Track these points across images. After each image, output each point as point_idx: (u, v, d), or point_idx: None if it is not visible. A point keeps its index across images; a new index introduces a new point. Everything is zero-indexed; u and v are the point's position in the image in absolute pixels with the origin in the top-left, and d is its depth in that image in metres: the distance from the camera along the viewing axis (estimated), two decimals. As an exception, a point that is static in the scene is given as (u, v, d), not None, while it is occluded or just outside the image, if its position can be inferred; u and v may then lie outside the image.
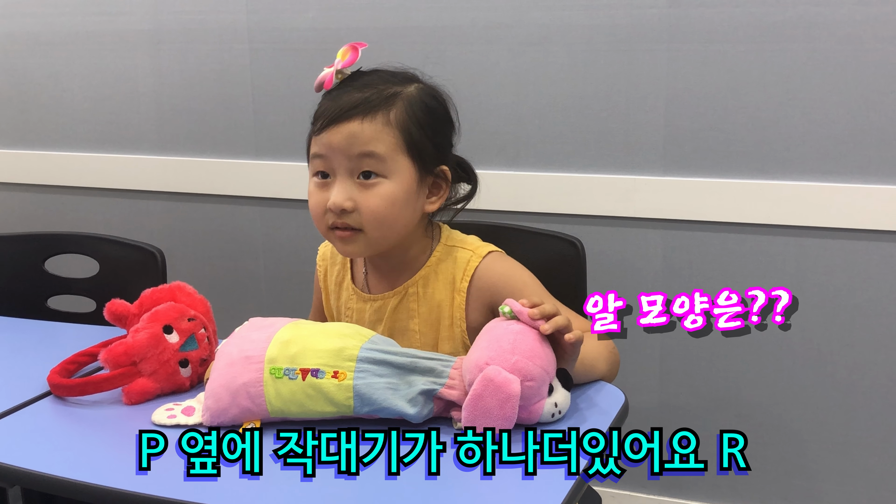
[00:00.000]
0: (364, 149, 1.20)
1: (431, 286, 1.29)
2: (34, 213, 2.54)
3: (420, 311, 1.30)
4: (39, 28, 2.42)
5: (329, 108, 1.23)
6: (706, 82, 1.86)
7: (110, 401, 1.21)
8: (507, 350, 1.04)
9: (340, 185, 1.22)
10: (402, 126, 1.21)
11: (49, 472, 1.02)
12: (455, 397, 1.07)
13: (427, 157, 1.25)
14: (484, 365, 1.03)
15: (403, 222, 1.24)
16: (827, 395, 1.93)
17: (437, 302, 1.28)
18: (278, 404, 1.09)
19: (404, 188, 1.22)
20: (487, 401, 1.01)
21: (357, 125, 1.20)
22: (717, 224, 1.93)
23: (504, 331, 1.07)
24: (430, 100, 1.26)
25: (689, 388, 2.02)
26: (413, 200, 1.24)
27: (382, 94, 1.22)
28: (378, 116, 1.21)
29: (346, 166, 1.21)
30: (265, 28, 2.19)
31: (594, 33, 1.92)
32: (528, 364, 1.04)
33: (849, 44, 1.77)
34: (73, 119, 2.45)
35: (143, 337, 1.21)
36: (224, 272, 2.36)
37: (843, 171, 1.82)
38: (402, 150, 1.22)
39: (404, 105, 1.23)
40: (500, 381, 1.01)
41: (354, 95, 1.22)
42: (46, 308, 1.75)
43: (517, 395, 1.02)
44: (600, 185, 1.97)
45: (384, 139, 1.20)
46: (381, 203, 1.21)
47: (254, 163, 2.28)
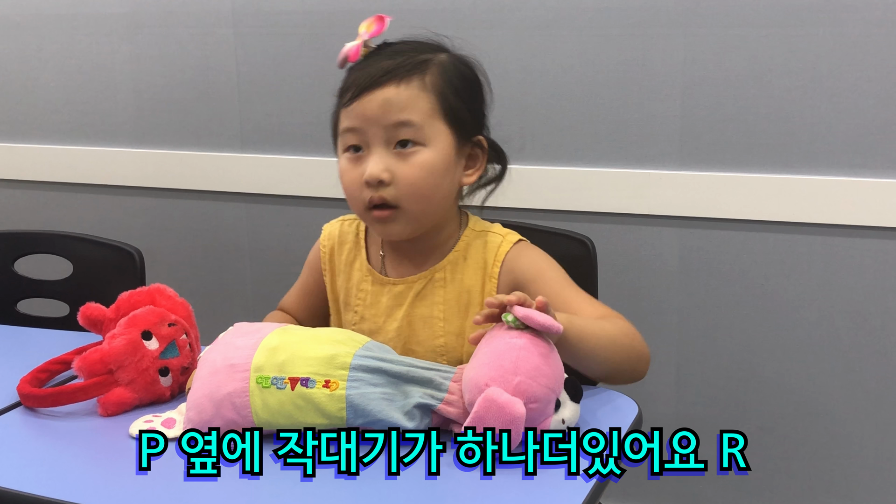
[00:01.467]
0: (400, 116, 1.21)
1: (460, 271, 1.30)
2: (3, 210, 2.54)
3: (447, 297, 1.29)
4: (7, 10, 2.42)
5: (359, 77, 1.24)
6: (725, 69, 1.86)
7: (85, 412, 1.21)
8: (509, 370, 1.03)
9: (376, 155, 1.23)
10: (437, 90, 1.23)
11: (18, 489, 1.02)
12: (454, 415, 1.07)
13: (464, 124, 1.26)
14: (484, 386, 1.03)
15: (442, 194, 1.25)
16: (857, 406, 1.93)
17: (466, 287, 1.29)
18: (265, 416, 1.09)
19: (443, 156, 1.24)
20: (489, 424, 1.01)
21: (392, 90, 1.21)
22: (736, 222, 1.93)
23: (506, 346, 1.05)
24: (463, 67, 1.29)
25: (708, 398, 2.02)
26: (451, 171, 1.26)
27: (414, 59, 1.24)
28: (413, 81, 1.22)
29: (382, 136, 1.22)
30: (251, 11, 2.20)
31: (605, 16, 1.92)
32: (532, 385, 1.03)
33: (880, 27, 1.77)
34: (45, 109, 2.45)
35: (120, 343, 1.22)
36: (207, 273, 2.37)
37: (873, 165, 1.83)
38: (439, 115, 1.23)
39: (438, 70, 1.25)
40: (503, 402, 1.00)
41: (385, 62, 1.23)
42: (16, 312, 1.75)
43: (522, 418, 1.01)
44: (612, 180, 1.98)
45: (420, 105, 1.22)
46: (419, 173, 1.22)
47: (239, 156, 2.28)
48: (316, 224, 2.26)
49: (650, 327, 2.02)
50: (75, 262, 1.72)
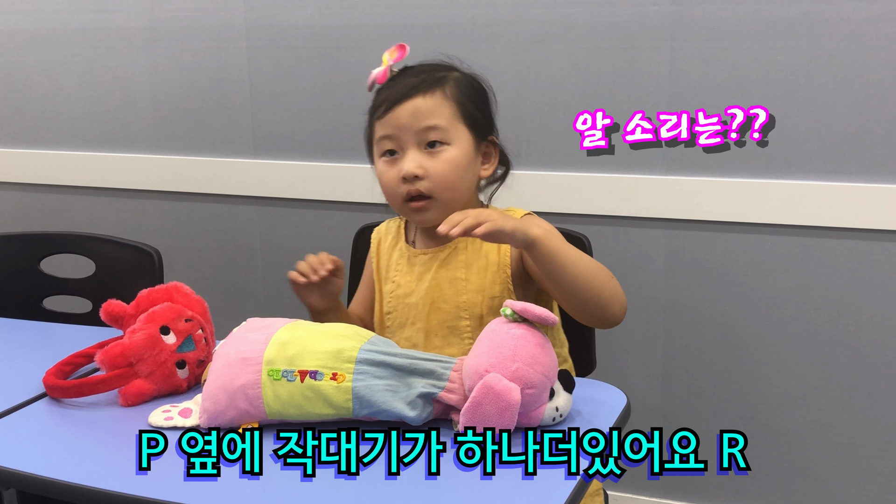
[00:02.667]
0: (429, 121, 1.34)
1: (479, 241, 1.38)
2: (30, 213, 2.54)
3: (468, 260, 1.39)
4: (35, 25, 2.42)
5: (389, 94, 1.37)
6: (709, 80, 1.86)
7: (106, 402, 1.21)
8: (507, 357, 1.05)
9: (410, 155, 1.35)
10: (456, 99, 1.37)
11: (45, 475, 1.03)
12: (454, 402, 1.08)
13: (480, 126, 1.40)
14: (484, 372, 1.04)
15: (466, 185, 1.38)
16: (831, 396, 1.93)
17: (484, 252, 1.39)
18: (276, 406, 1.09)
19: (465, 153, 1.36)
20: (487, 408, 1.01)
21: (420, 101, 1.34)
22: (719, 223, 1.93)
23: (505, 336, 1.07)
24: (474, 81, 1.43)
25: (692, 390, 2.03)
26: (472, 164, 1.39)
27: (434, 76, 1.37)
28: (436, 92, 1.35)
29: (414, 140, 1.35)
30: (263, 25, 2.20)
31: (596, 30, 1.92)
32: (529, 371, 1.04)
33: (854, 41, 1.77)
34: (69, 117, 2.45)
35: (139, 338, 1.22)
36: (222, 272, 2.37)
37: (847, 170, 1.83)
38: (459, 119, 1.36)
39: (455, 83, 1.38)
40: (500, 389, 1.01)
41: (410, 80, 1.37)
42: (42, 309, 1.75)
43: (517, 404, 1.02)
44: (602, 184, 1.98)
45: (443, 111, 1.35)
46: (447, 167, 1.35)
47: (251, 162, 2.28)
48: (324, 225, 2.27)
49: (638, 322, 2.03)
50: (98, 262, 1.72)
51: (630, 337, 2.03)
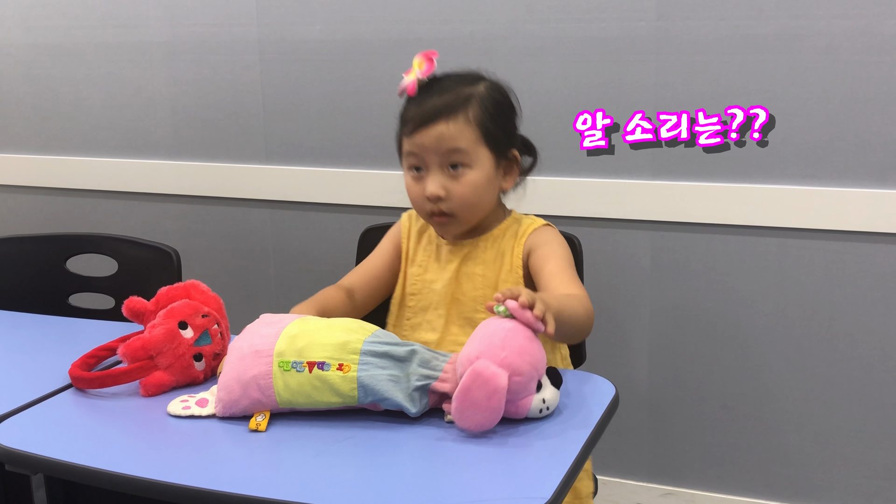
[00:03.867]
0: (451, 145, 1.33)
1: (499, 242, 1.41)
2: (56, 215, 2.54)
3: (486, 258, 1.40)
4: (61, 39, 2.42)
5: (416, 113, 1.35)
6: (692, 91, 1.87)
7: (128, 393, 1.21)
8: (497, 346, 1.05)
9: (433, 177, 1.35)
10: (479, 122, 1.35)
11: (70, 461, 1.03)
12: (447, 389, 1.08)
13: (501, 145, 1.39)
14: (475, 359, 1.04)
15: (487, 202, 1.39)
16: (807, 387, 1.94)
17: (501, 251, 1.40)
18: (287, 395, 1.09)
19: (486, 174, 1.36)
20: (475, 393, 1.01)
21: (443, 126, 1.33)
22: (701, 225, 1.93)
23: (497, 328, 1.07)
24: (497, 94, 1.40)
25: (676, 381, 2.03)
26: (493, 183, 1.39)
27: (460, 96, 1.35)
28: (459, 117, 1.33)
29: (437, 161, 1.34)
30: (275, 40, 2.20)
31: (586, 45, 1.93)
32: (517, 359, 1.04)
33: (828, 55, 1.77)
34: (93, 126, 2.45)
35: (159, 332, 1.22)
36: (236, 271, 2.37)
37: (822, 175, 1.83)
38: (481, 142, 1.35)
39: (479, 103, 1.36)
40: (489, 374, 1.01)
41: (436, 101, 1.34)
42: (68, 305, 1.75)
43: (504, 388, 1.02)
44: (592, 188, 1.98)
45: (466, 135, 1.34)
46: (468, 189, 1.35)
47: (264, 167, 2.28)
48: (331, 227, 2.27)
49: (625, 318, 2.03)
50: (120, 261, 1.72)
51: (618, 332, 2.03)
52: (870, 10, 1.73)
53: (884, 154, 1.78)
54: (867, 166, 1.80)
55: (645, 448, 2.09)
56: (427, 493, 0.94)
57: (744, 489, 2.04)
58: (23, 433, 1.09)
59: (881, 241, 1.82)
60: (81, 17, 2.38)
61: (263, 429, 1.08)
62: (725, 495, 2.05)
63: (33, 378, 1.26)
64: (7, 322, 1.54)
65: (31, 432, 1.10)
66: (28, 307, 1.61)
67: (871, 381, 1.89)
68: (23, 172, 2.55)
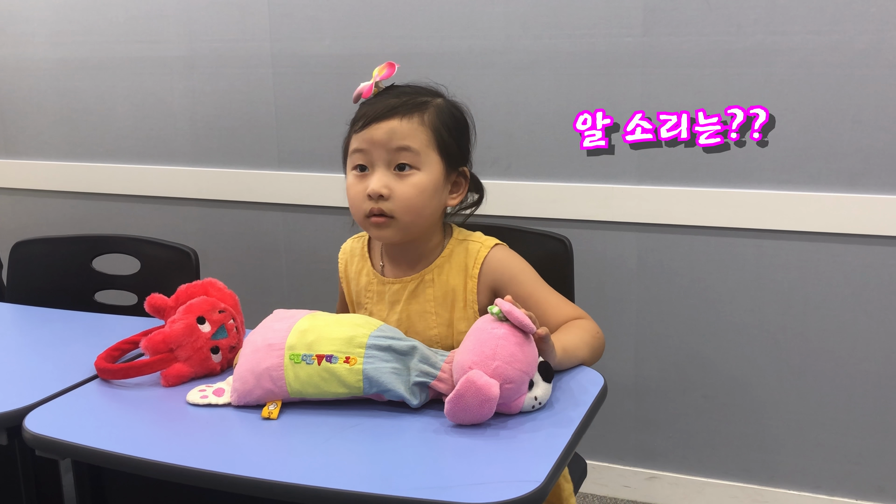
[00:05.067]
0: (402, 143, 1.21)
1: (445, 273, 1.28)
2: (83, 218, 2.54)
3: (436, 294, 1.28)
4: (87, 54, 2.42)
5: (370, 110, 1.24)
6: (675, 102, 1.87)
7: (150, 383, 1.21)
8: (488, 355, 1.02)
9: (379, 174, 1.22)
10: (433, 126, 1.23)
11: (96, 447, 1.03)
12: (443, 390, 1.07)
13: (453, 156, 1.26)
14: (468, 368, 1.02)
15: (430, 211, 1.25)
16: (782, 378, 1.94)
17: (451, 287, 1.27)
18: (297, 386, 1.09)
19: (433, 180, 1.23)
20: (468, 400, 1.00)
21: (396, 122, 1.22)
22: (684, 227, 1.93)
23: (488, 335, 1.04)
24: (455, 111, 1.29)
25: (660, 373, 2.03)
26: (439, 192, 1.25)
27: (416, 100, 1.24)
28: (414, 116, 1.22)
29: (385, 158, 1.22)
30: (286, 54, 2.20)
31: (577, 58, 1.93)
32: (508, 369, 1.02)
33: (802, 68, 1.77)
34: (118, 134, 2.45)
35: (179, 327, 1.22)
36: (250, 270, 2.37)
37: (795, 181, 1.83)
38: (433, 146, 1.23)
39: (435, 110, 1.25)
40: (481, 384, 1.00)
41: (392, 101, 1.24)
42: (94, 301, 1.75)
43: (495, 398, 1.01)
44: (582, 192, 1.98)
45: (419, 136, 1.22)
46: (413, 191, 1.22)
47: (276, 173, 2.28)
48: (339, 228, 2.26)
49: (613, 314, 2.03)
50: (142, 260, 1.72)
51: (607, 327, 2.02)
52: (841, 27, 1.73)
53: (854, 160, 1.78)
54: (838, 172, 1.80)
55: (632, 435, 2.09)
56: (428, 476, 0.94)
57: (723, 473, 2.04)
58: (51, 421, 1.09)
59: (851, 241, 1.82)
60: (106, 33, 2.38)
61: (275, 417, 1.08)
62: (706, 479, 2.05)
63: (61, 369, 1.26)
64: (37, 317, 1.54)
65: (59, 420, 1.10)
66: (57, 303, 1.61)
67: (841, 372, 1.89)
68: (52, 178, 2.55)
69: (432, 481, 0.92)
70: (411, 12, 2.04)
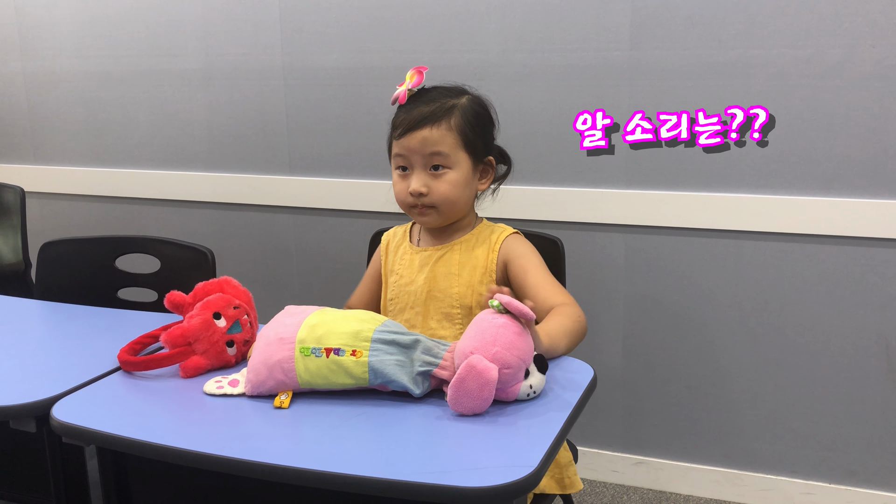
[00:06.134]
0: (434, 149, 1.32)
1: (472, 246, 1.38)
2: (107, 220, 2.55)
3: (461, 260, 1.37)
4: (111, 67, 2.42)
5: (405, 119, 1.34)
6: (661, 111, 1.86)
7: (169, 375, 1.21)
8: (489, 342, 1.03)
9: (417, 175, 1.34)
10: (460, 129, 1.33)
11: (119, 434, 1.03)
12: (445, 376, 1.07)
13: (478, 151, 1.37)
14: (469, 353, 1.03)
15: (465, 199, 1.36)
16: (760, 370, 1.94)
17: (475, 255, 1.38)
18: (307, 377, 1.09)
19: (464, 175, 1.35)
20: (469, 384, 1.01)
21: (427, 132, 1.32)
22: (669, 228, 1.93)
23: (489, 325, 1.05)
24: (477, 107, 1.38)
25: (647, 364, 2.03)
26: (470, 183, 1.37)
27: (444, 106, 1.34)
28: (442, 124, 1.32)
29: (421, 162, 1.33)
30: (297, 67, 2.20)
31: (568, 71, 1.93)
32: (506, 354, 1.03)
33: (778, 80, 1.77)
34: (139, 142, 2.45)
35: (196, 322, 1.22)
36: (263, 268, 2.37)
37: (772, 185, 1.83)
38: (460, 147, 1.34)
39: (460, 113, 1.34)
40: (481, 368, 1.01)
41: (423, 109, 1.33)
42: (117, 298, 1.75)
43: (494, 381, 1.01)
44: (573, 196, 1.98)
45: (447, 140, 1.32)
46: (448, 187, 1.33)
47: (287, 178, 2.28)
48: (348, 230, 2.27)
49: (602, 310, 2.03)
50: (162, 260, 1.72)
51: (597, 321, 2.03)
52: (815, 42, 1.73)
53: (827, 166, 1.78)
54: (813, 177, 1.80)
55: (619, 423, 2.09)
56: (429, 461, 0.94)
57: (705, 458, 2.04)
58: (77, 410, 1.09)
59: (825, 242, 1.82)
60: (129, 47, 2.38)
61: (286, 406, 1.08)
62: (689, 464, 2.05)
63: (86, 362, 1.26)
64: (64, 313, 1.54)
65: (84, 409, 1.10)
66: (82, 300, 1.61)
67: (815, 364, 1.89)
68: (78, 182, 2.55)
69: (433, 466, 0.92)
70: (414, 28, 2.04)
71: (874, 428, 1.88)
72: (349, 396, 1.10)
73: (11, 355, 1.30)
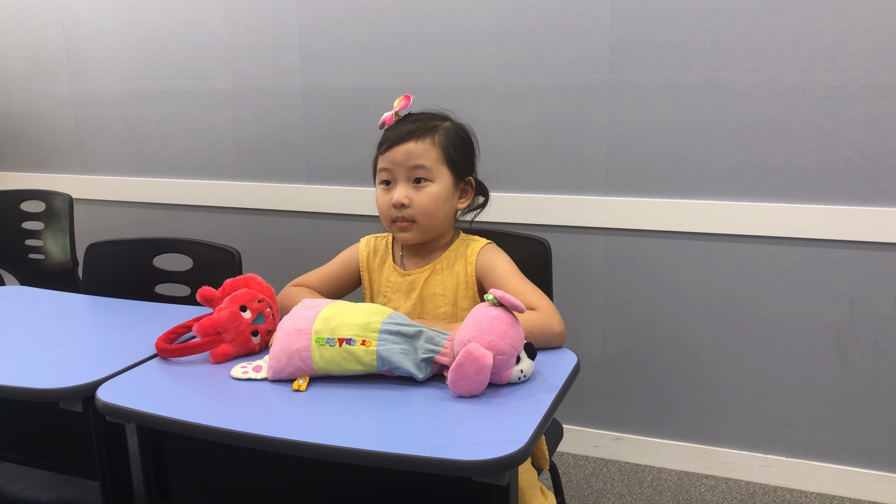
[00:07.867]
0: (417, 161, 1.25)
1: (452, 264, 1.31)
2: (146, 224, 2.55)
3: (444, 280, 1.31)
4: (149, 87, 2.43)
5: (391, 136, 1.28)
6: (637, 128, 1.87)
7: (201, 361, 1.21)
8: (485, 331, 1.03)
9: (400, 187, 1.26)
10: (442, 146, 1.27)
11: (156, 413, 1.03)
12: (446, 362, 1.07)
13: (460, 169, 1.30)
14: (467, 342, 1.03)
15: (443, 215, 1.29)
16: (726, 356, 1.94)
17: (456, 273, 1.31)
18: (322, 364, 1.09)
19: (445, 189, 1.27)
20: (467, 369, 1.01)
21: (412, 145, 1.26)
22: (644, 231, 1.93)
23: (485, 316, 1.05)
24: (460, 131, 1.32)
25: (624, 353, 2.03)
26: (450, 199, 1.29)
27: (428, 125, 1.28)
28: (426, 139, 1.26)
29: (404, 175, 1.26)
30: (314, 88, 2.20)
31: (554, 92, 1.93)
32: (500, 342, 1.03)
33: (742, 99, 1.77)
34: (174, 154, 2.45)
35: (225, 314, 1.22)
36: (284, 267, 2.37)
37: (736, 192, 1.83)
38: (443, 162, 1.27)
39: (444, 132, 1.28)
40: (478, 354, 1.01)
41: (408, 126, 1.27)
42: (154, 293, 1.75)
43: (489, 366, 1.01)
44: (558, 203, 1.98)
45: (430, 154, 1.26)
46: (429, 199, 1.26)
47: (305, 186, 2.28)
48: (358, 233, 2.25)
49: (585, 303, 2.03)
50: (194, 259, 1.72)
51: (579, 314, 2.04)
52: (774, 65, 1.73)
53: (784, 175, 1.78)
54: (772, 185, 1.80)
55: (600, 404, 2.10)
56: (431, 437, 0.94)
57: (676, 435, 2.04)
58: (119, 392, 1.09)
59: (783, 244, 1.83)
60: (165, 70, 2.38)
61: (304, 389, 1.08)
62: (662, 440, 2.05)
63: (127, 349, 1.26)
64: (107, 306, 1.54)
65: (125, 391, 1.10)
66: (123, 295, 1.61)
67: (774, 351, 1.89)
68: (120, 190, 2.55)
69: (435, 442, 0.92)
70: (418, 53, 2.04)
71: (826, 408, 1.88)
72: (359, 381, 1.11)
73: (60, 343, 1.30)
